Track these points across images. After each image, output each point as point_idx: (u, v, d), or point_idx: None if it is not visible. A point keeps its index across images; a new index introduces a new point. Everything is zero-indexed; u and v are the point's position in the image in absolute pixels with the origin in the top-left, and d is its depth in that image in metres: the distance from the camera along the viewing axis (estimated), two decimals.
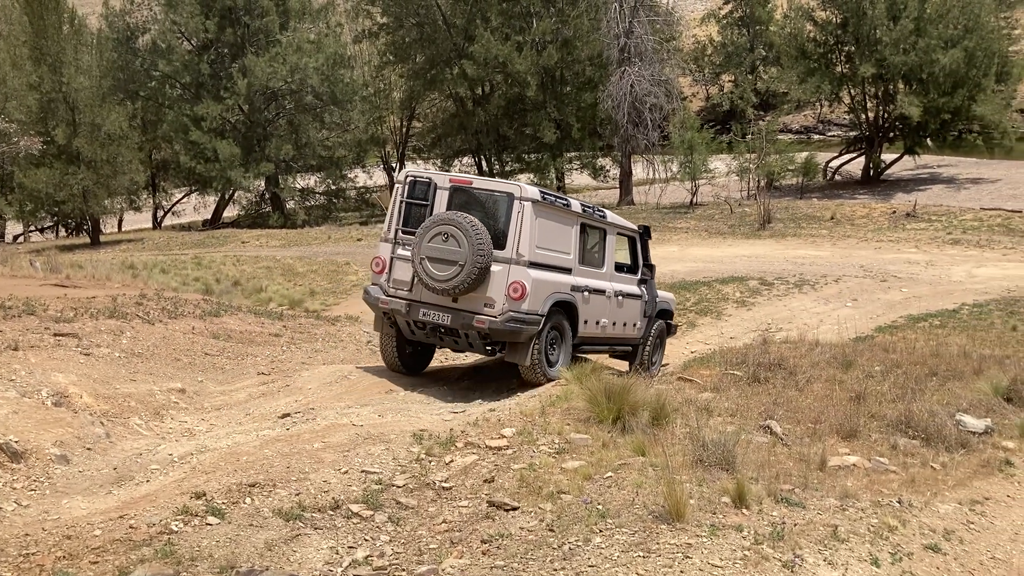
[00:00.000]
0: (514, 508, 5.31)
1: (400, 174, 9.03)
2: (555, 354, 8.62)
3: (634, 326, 10.27)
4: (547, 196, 8.53)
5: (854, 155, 38.84)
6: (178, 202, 43.64)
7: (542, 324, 8.23)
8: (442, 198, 8.51)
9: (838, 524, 5.26)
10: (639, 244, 10.48)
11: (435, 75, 40.41)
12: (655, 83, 32.81)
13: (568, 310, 8.70)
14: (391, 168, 46.09)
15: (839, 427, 7.04)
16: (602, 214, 9.59)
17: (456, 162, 42.97)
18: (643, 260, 10.50)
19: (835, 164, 38.89)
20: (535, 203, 8.25)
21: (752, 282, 17.72)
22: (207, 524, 5.06)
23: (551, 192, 8.82)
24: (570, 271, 8.80)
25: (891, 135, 37.40)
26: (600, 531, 4.97)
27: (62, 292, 12.09)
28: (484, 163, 42.29)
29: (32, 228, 40.33)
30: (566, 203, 8.86)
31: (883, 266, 19.50)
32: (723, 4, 56.26)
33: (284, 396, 8.42)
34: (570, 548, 4.80)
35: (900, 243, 23.41)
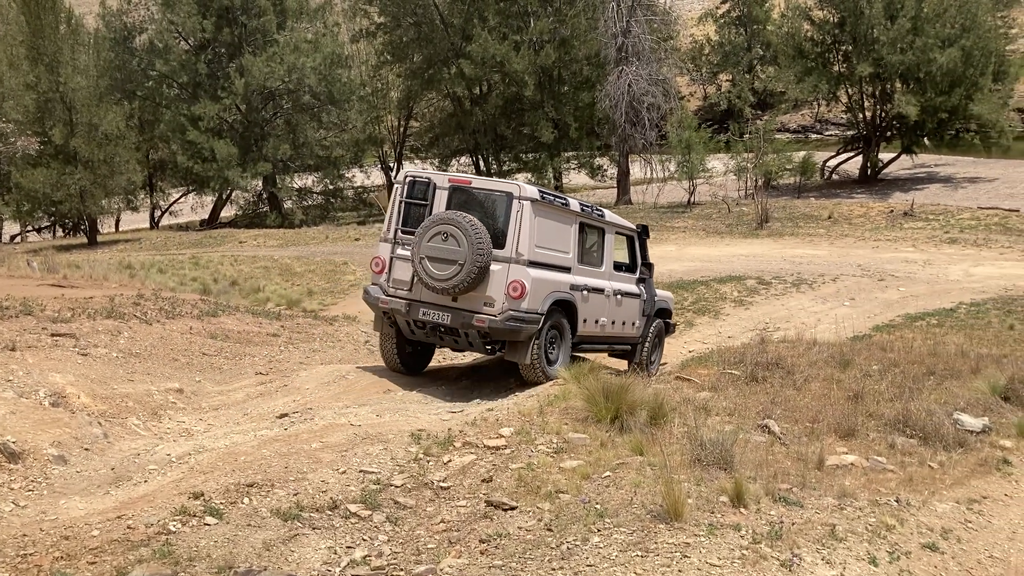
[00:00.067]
0: (512, 508, 5.32)
1: (399, 174, 9.04)
2: (555, 353, 8.63)
3: (633, 325, 10.28)
4: (546, 195, 8.54)
5: (851, 154, 38.87)
6: (175, 202, 43.61)
7: (541, 323, 8.24)
8: (441, 198, 8.52)
9: (836, 523, 5.27)
10: (637, 243, 10.51)
11: (432, 75, 40.40)
12: (653, 82, 32.78)
13: (567, 309, 8.71)
14: (389, 168, 46.09)
15: (837, 426, 7.05)
16: (600, 213, 9.60)
17: (454, 162, 42.96)
18: (641, 259, 10.53)
19: (832, 163, 38.91)
20: (534, 202, 8.26)
21: (750, 281, 17.73)
22: (205, 524, 5.05)
23: (550, 191, 8.82)
24: (569, 270, 8.81)
25: (888, 134, 37.44)
26: (598, 530, 4.98)
27: (59, 292, 12.08)
28: (482, 163, 42.29)
29: (29, 228, 40.30)
30: (565, 202, 8.86)
31: (880, 265, 19.51)
32: (720, 3, 56.22)
33: (282, 396, 8.41)
34: (568, 547, 4.80)
35: (897, 242, 23.43)
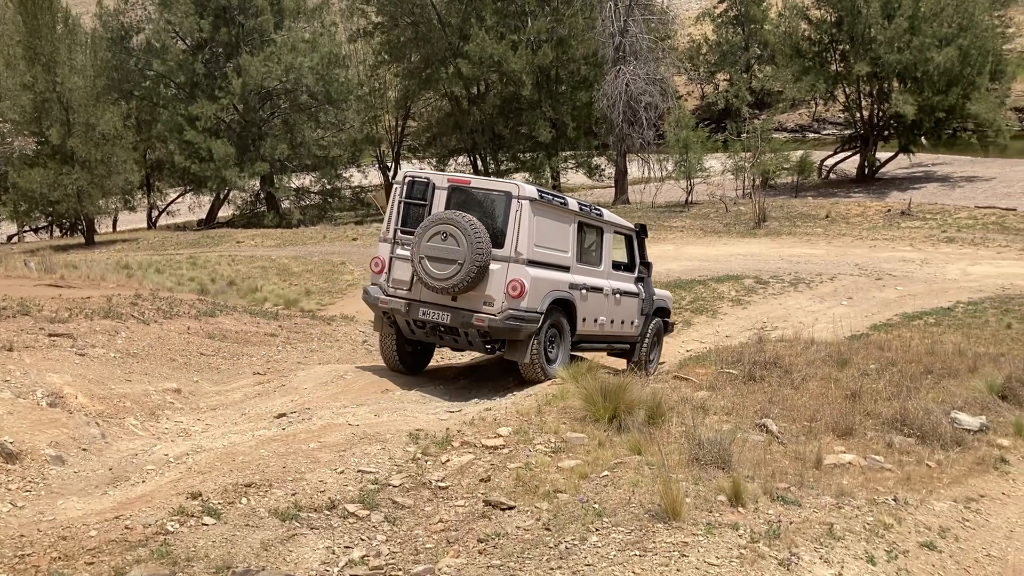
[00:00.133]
0: (510, 507, 5.31)
1: (398, 174, 9.04)
2: (554, 351, 8.64)
3: (632, 324, 10.30)
4: (545, 195, 8.55)
5: (849, 153, 38.87)
6: (173, 202, 43.55)
7: (541, 322, 8.26)
8: (440, 198, 8.53)
9: (834, 522, 5.28)
10: (636, 242, 10.53)
11: (430, 74, 40.36)
12: (650, 82, 32.76)
13: (566, 308, 8.72)
14: (386, 167, 46.06)
15: (835, 425, 7.06)
16: (599, 212, 9.61)
17: (451, 161, 42.93)
18: (640, 258, 10.55)
19: (830, 163, 38.92)
20: (533, 202, 8.27)
21: (747, 281, 17.74)
22: (203, 524, 5.05)
23: (549, 191, 8.84)
24: (568, 269, 8.82)
25: (886, 133, 37.46)
26: (596, 530, 4.98)
27: (57, 292, 12.06)
28: (480, 162, 42.26)
29: (26, 228, 40.28)
30: (563, 202, 8.87)
31: (878, 264, 19.53)
32: (718, 3, 56.27)
33: (280, 396, 8.41)
34: (566, 547, 4.80)
35: (895, 241, 23.45)
